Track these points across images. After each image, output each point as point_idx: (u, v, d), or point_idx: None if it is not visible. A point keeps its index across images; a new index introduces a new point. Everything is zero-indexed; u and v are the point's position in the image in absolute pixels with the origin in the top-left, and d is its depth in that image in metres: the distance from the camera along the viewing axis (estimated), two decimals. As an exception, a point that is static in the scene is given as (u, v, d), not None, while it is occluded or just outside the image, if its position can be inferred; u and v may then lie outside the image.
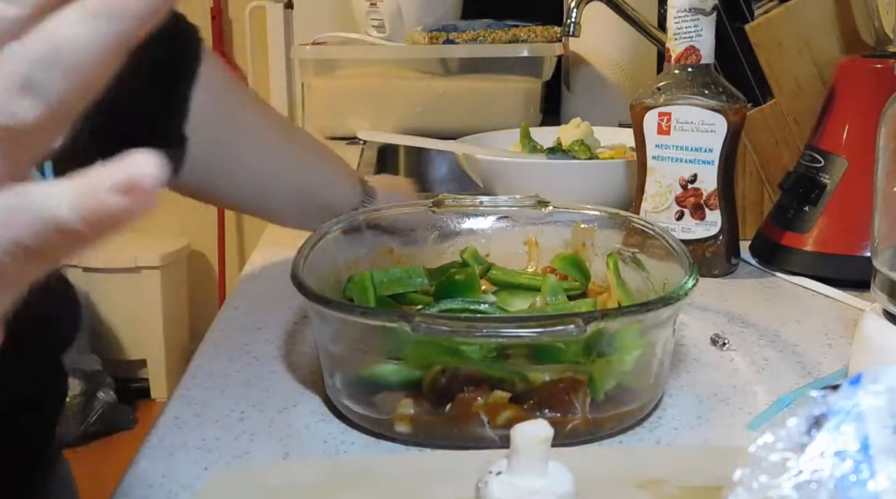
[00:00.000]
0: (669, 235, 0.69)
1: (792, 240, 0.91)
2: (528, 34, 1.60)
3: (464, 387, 0.57)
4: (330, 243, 0.70)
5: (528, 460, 0.44)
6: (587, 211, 0.77)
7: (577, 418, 0.58)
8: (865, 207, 0.67)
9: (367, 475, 0.52)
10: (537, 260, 0.78)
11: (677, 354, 0.71)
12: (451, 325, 0.56)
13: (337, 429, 0.61)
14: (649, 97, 0.92)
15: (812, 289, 0.88)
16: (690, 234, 0.91)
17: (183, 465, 0.56)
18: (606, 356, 0.58)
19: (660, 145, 0.92)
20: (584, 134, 1.20)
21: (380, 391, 0.59)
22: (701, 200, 0.91)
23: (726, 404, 0.64)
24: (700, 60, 0.90)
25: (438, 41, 1.59)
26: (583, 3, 1.35)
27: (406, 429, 0.58)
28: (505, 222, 0.78)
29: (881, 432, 0.35)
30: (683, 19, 0.89)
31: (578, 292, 0.73)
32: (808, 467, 0.35)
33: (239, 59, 2.97)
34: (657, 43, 1.41)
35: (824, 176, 0.90)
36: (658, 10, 1.42)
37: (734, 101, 0.89)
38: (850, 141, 0.89)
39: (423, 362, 0.58)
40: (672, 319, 0.61)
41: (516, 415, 0.56)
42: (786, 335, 0.77)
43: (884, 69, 0.87)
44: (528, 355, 0.59)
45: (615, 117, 1.43)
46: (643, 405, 0.61)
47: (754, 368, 0.71)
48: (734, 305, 0.84)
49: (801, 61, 0.99)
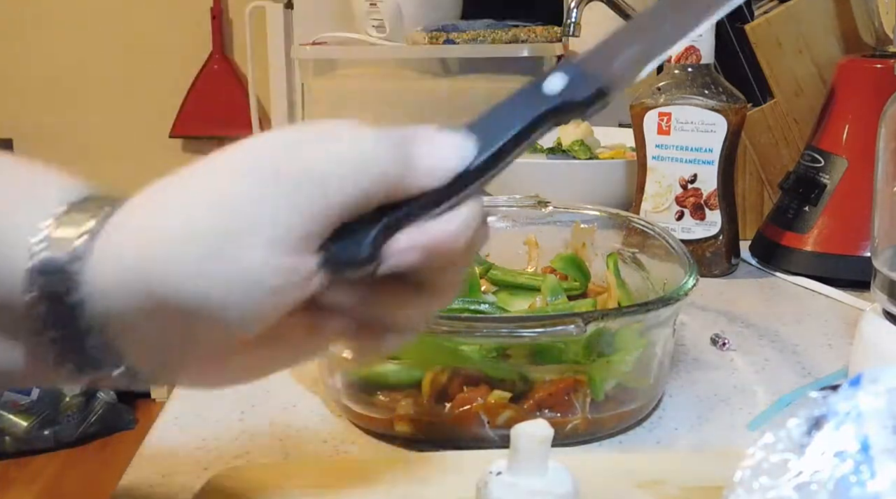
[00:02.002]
0: (669, 235, 0.69)
1: (792, 240, 0.91)
2: (528, 34, 1.60)
3: (464, 387, 0.57)
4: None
5: (528, 460, 0.44)
6: (587, 211, 0.77)
7: (577, 418, 0.58)
8: (865, 207, 0.67)
9: (367, 475, 0.52)
10: (537, 260, 0.78)
11: (677, 354, 0.71)
12: (451, 325, 0.56)
13: (337, 429, 0.61)
14: (649, 97, 0.92)
15: (812, 289, 0.88)
16: (690, 234, 0.91)
17: (183, 465, 0.56)
18: (606, 356, 0.58)
19: (660, 145, 0.92)
20: (584, 134, 1.20)
21: (380, 391, 0.59)
22: (701, 200, 0.91)
23: (726, 404, 0.64)
24: (700, 60, 0.90)
25: (438, 41, 1.59)
26: (583, 3, 1.35)
27: (406, 429, 0.58)
28: (505, 222, 0.78)
29: (881, 433, 0.35)
30: (683, 19, 0.89)
31: (578, 292, 0.73)
32: (808, 467, 0.35)
33: (239, 59, 2.97)
34: (657, 43, 1.41)
35: (824, 176, 0.90)
36: (658, 10, 1.42)
37: (734, 101, 0.89)
38: (850, 141, 0.89)
39: (423, 362, 0.58)
40: (672, 319, 0.61)
41: (516, 415, 0.56)
42: (786, 335, 0.77)
43: (884, 69, 0.87)
44: (528, 355, 0.59)
45: (615, 117, 1.42)
46: (643, 405, 0.61)
47: (754, 369, 0.71)
48: (734, 305, 0.84)
49: (801, 61, 0.99)
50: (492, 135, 0.40)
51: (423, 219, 0.39)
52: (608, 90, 0.41)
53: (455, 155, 0.39)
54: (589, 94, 0.41)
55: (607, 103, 0.42)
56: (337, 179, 0.37)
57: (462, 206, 0.40)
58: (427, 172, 0.39)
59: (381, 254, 0.38)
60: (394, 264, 0.39)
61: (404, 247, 0.39)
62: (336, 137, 0.39)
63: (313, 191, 0.37)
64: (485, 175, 0.40)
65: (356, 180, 0.37)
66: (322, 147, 0.38)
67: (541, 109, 0.41)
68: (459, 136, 0.40)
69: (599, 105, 0.42)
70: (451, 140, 0.40)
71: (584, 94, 0.41)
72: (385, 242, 0.39)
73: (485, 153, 0.40)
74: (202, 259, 0.36)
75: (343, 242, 0.38)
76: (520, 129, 0.40)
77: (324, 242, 0.38)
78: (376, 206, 0.38)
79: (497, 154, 0.40)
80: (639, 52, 0.43)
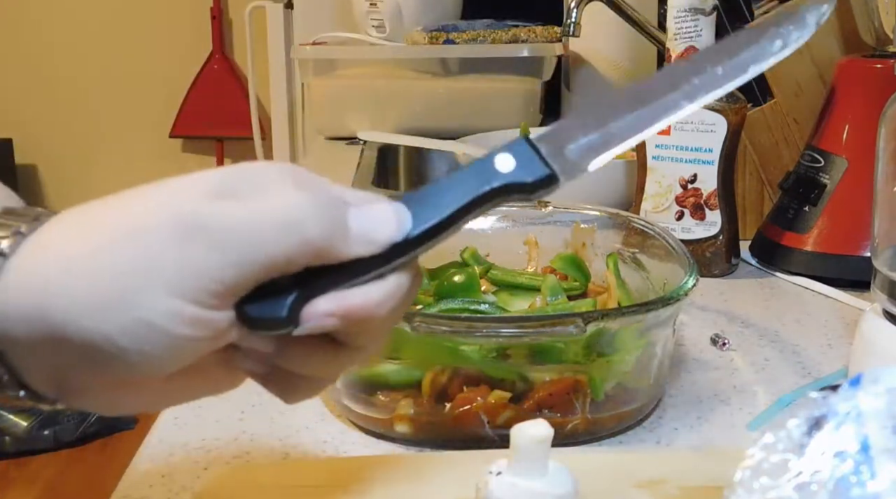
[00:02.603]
0: (669, 235, 0.69)
1: (792, 240, 0.91)
2: (528, 34, 1.60)
3: (464, 387, 0.57)
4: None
5: (528, 460, 0.44)
6: (587, 211, 0.77)
7: (577, 418, 0.58)
8: (865, 207, 0.67)
9: (367, 475, 0.52)
10: (537, 260, 0.78)
11: (677, 354, 0.71)
12: (451, 325, 0.56)
13: (337, 429, 0.61)
14: (649, 97, 0.92)
15: (812, 289, 0.88)
16: (690, 234, 0.91)
17: (183, 465, 0.56)
18: (606, 356, 0.58)
19: (660, 145, 0.92)
20: (584, 134, 1.20)
21: (380, 391, 0.59)
22: (701, 200, 0.91)
23: (726, 404, 0.64)
24: (700, 60, 0.90)
25: (438, 41, 1.59)
26: (583, 3, 1.35)
27: (406, 429, 0.58)
28: (505, 222, 0.78)
29: (881, 433, 0.35)
30: (683, 19, 0.89)
31: (578, 292, 0.73)
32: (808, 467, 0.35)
33: (239, 59, 2.97)
34: (657, 43, 1.41)
35: (824, 176, 0.90)
36: (658, 10, 1.42)
37: (734, 102, 0.89)
38: (850, 141, 0.89)
39: (423, 362, 0.58)
40: (672, 319, 0.61)
41: (516, 415, 0.56)
42: (786, 335, 0.77)
43: (884, 69, 0.87)
44: (528, 355, 0.59)
45: (615, 117, 1.42)
46: (643, 405, 0.61)
47: (754, 368, 0.71)
48: (734, 305, 0.84)
49: (801, 61, 0.99)
50: (432, 207, 0.40)
51: (348, 285, 0.38)
52: (557, 178, 0.41)
53: (390, 226, 0.38)
54: (538, 178, 0.41)
55: (555, 189, 0.42)
56: (257, 241, 0.36)
57: (391, 274, 0.39)
58: (359, 241, 0.38)
59: (298, 317, 0.38)
60: (310, 329, 0.38)
61: (322, 312, 0.38)
62: (266, 194, 0.37)
63: (230, 250, 0.36)
64: (420, 247, 0.39)
65: (279, 244, 0.36)
66: (247, 205, 0.37)
67: (485, 188, 0.40)
68: (398, 206, 0.39)
69: (547, 190, 0.41)
70: (388, 210, 0.39)
71: (532, 178, 0.41)
72: (304, 305, 0.38)
73: (422, 226, 0.39)
74: (105, 301, 0.35)
75: (261, 303, 0.37)
76: (461, 205, 0.40)
77: (243, 297, 0.37)
78: (303, 267, 0.37)
79: (434, 228, 0.39)
80: (595, 142, 0.42)
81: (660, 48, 1.41)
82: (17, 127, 3.05)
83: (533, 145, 0.41)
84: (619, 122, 0.42)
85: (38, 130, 3.08)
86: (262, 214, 0.36)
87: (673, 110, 0.43)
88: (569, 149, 0.42)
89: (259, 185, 0.37)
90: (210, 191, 0.37)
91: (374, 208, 0.39)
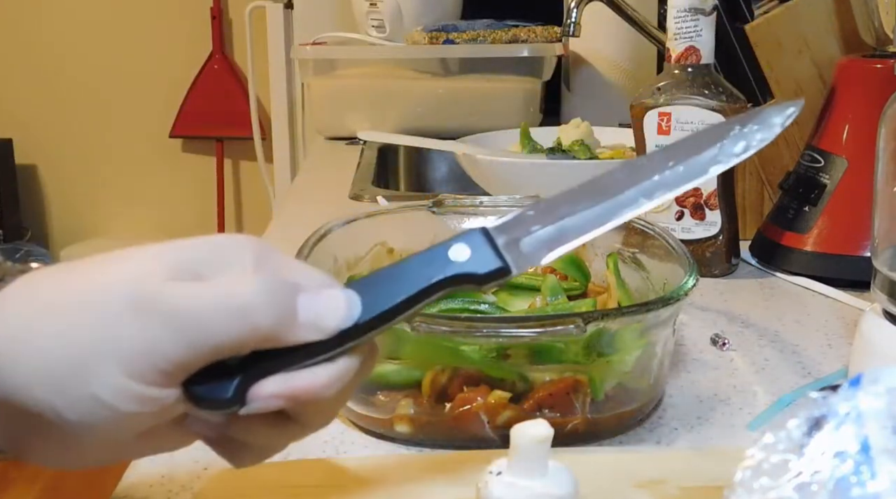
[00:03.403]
0: (669, 235, 0.69)
1: (792, 240, 0.91)
2: (528, 34, 1.60)
3: (464, 387, 0.57)
4: (330, 243, 0.70)
5: (528, 460, 0.44)
6: (587, 211, 0.77)
7: (577, 418, 0.58)
8: (865, 207, 0.67)
9: (367, 475, 0.52)
10: (537, 260, 0.77)
11: (677, 354, 0.71)
12: (451, 325, 0.56)
13: (337, 429, 0.61)
14: (649, 97, 0.92)
15: (812, 289, 0.88)
16: (690, 234, 0.91)
17: (183, 465, 0.56)
18: (606, 356, 0.58)
19: (660, 145, 0.92)
20: (584, 134, 1.20)
21: (380, 391, 0.59)
22: (701, 200, 0.91)
23: (726, 404, 0.64)
24: (700, 60, 0.90)
25: (438, 41, 1.59)
26: (583, 3, 1.35)
27: (406, 429, 0.58)
28: (505, 222, 0.78)
29: (881, 433, 0.35)
30: (683, 19, 0.89)
31: (578, 292, 0.73)
32: (808, 468, 0.35)
33: (239, 59, 2.97)
34: (657, 43, 1.41)
35: (824, 176, 0.90)
36: (658, 10, 1.42)
37: (734, 102, 0.89)
38: (850, 141, 0.89)
39: (423, 362, 0.58)
40: (672, 319, 0.61)
41: (516, 415, 0.56)
42: (786, 335, 0.77)
43: (884, 69, 0.87)
44: (528, 355, 0.59)
45: (615, 117, 1.42)
46: (643, 405, 0.61)
47: (754, 369, 0.71)
48: (734, 305, 0.84)
49: (801, 61, 0.99)
50: (383, 295, 0.40)
51: (298, 367, 0.39)
52: (509, 270, 0.42)
53: (339, 314, 0.39)
54: (490, 270, 0.41)
55: (507, 281, 0.42)
56: (208, 326, 0.36)
57: (340, 357, 0.39)
58: (308, 328, 0.39)
59: (245, 397, 0.38)
60: (256, 409, 0.39)
61: (268, 394, 0.38)
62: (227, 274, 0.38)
63: (182, 332, 0.36)
64: (369, 333, 0.40)
65: (229, 329, 0.37)
66: (196, 290, 0.37)
67: (437, 277, 0.41)
68: (348, 293, 0.40)
69: (498, 282, 0.42)
70: (338, 297, 0.39)
71: (485, 270, 0.41)
72: (251, 385, 0.38)
73: (371, 313, 0.40)
74: (57, 372, 0.36)
75: (208, 384, 0.38)
76: (411, 294, 0.40)
77: (191, 376, 0.38)
78: (252, 349, 0.38)
79: (384, 315, 0.40)
80: (549, 236, 0.43)
81: (660, 48, 1.41)
82: (17, 127, 3.05)
83: (489, 236, 0.42)
84: (576, 218, 0.43)
85: (38, 130, 3.08)
86: (216, 299, 0.37)
87: (631, 208, 0.44)
88: (524, 242, 0.42)
89: (220, 265, 0.38)
90: (172, 268, 0.38)
91: (325, 295, 0.39)
